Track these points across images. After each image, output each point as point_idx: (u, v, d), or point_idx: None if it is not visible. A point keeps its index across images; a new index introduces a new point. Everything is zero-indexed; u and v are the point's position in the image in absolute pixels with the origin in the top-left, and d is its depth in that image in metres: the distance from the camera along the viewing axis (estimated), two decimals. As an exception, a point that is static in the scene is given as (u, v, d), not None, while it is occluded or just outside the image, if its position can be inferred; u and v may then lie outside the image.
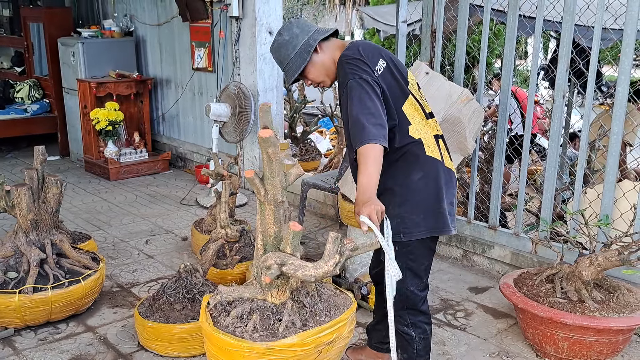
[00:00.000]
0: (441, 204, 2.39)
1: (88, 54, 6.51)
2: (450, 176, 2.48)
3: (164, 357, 2.96)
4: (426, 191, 2.38)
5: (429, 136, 2.44)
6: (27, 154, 7.32)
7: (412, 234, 2.37)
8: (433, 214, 2.39)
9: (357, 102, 2.24)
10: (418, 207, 2.38)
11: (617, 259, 2.87)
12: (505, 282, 3.20)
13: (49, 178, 3.25)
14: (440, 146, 2.49)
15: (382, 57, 2.37)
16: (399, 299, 2.48)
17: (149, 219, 5.09)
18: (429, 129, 2.46)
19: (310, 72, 2.48)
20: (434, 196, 2.39)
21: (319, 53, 2.45)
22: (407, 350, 2.56)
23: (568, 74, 3.59)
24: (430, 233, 2.40)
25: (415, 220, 2.37)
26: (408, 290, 2.48)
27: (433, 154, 2.42)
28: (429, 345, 2.60)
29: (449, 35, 4.41)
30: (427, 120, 2.46)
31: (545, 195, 3.72)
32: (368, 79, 2.26)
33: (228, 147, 6.10)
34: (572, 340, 2.87)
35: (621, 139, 3.42)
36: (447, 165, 2.48)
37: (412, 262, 2.45)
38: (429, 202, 2.38)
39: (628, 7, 3.26)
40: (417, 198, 2.38)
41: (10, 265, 3.19)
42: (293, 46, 2.42)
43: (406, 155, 2.39)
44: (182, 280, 3.06)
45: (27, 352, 2.99)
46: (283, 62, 2.47)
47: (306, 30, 2.45)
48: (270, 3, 5.55)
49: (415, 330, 2.54)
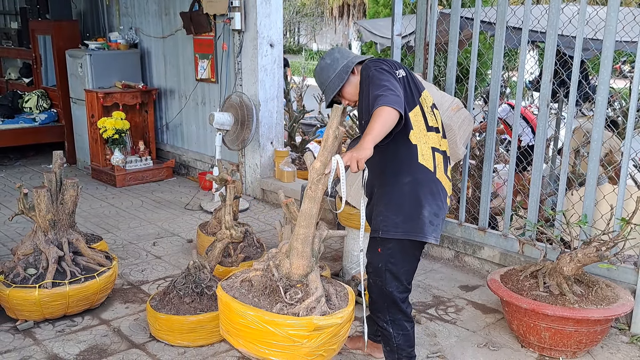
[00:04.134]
0: (421, 210, 2.55)
1: (95, 66, 6.76)
2: (439, 188, 2.62)
3: (175, 346, 3.17)
4: (410, 196, 2.56)
5: (426, 146, 2.63)
6: (34, 162, 7.55)
7: (388, 232, 2.56)
8: (411, 219, 2.55)
9: (376, 83, 2.45)
10: (400, 209, 2.56)
11: (595, 255, 3.09)
12: (492, 278, 3.43)
13: (67, 181, 3.48)
14: (437, 158, 2.65)
15: (402, 68, 2.65)
16: (380, 297, 2.69)
17: (155, 223, 5.31)
18: (428, 139, 2.64)
19: (347, 92, 2.71)
20: (415, 202, 2.55)
21: (356, 74, 2.68)
22: (388, 344, 2.76)
23: (552, 84, 3.83)
24: (406, 235, 2.55)
25: (395, 220, 2.55)
26: (387, 290, 2.65)
27: (425, 163, 2.60)
28: (410, 340, 2.75)
29: (442, 47, 4.66)
30: (427, 132, 2.64)
31: (531, 198, 3.95)
32: (389, 70, 2.52)
33: (230, 154, 6.33)
34: (553, 330, 3.09)
35: (600, 145, 3.65)
36: (439, 177, 2.63)
37: (392, 265, 2.61)
38: (410, 207, 2.55)
39: (607, 22, 3.51)
40: (400, 200, 2.57)
41: (30, 263, 3.41)
42: (334, 69, 2.68)
43: (400, 158, 2.60)
44: (191, 275, 3.27)
45: (47, 342, 3.21)
46: (324, 82, 2.71)
47: (346, 55, 2.72)
48: (272, 17, 5.81)
49: (394, 327, 2.70)
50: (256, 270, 2.51)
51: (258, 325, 2.31)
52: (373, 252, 2.67)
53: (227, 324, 2.45)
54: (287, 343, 2.30)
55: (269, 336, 2.31)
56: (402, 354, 2.73)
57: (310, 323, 2.28)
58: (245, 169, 6.23)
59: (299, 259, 2.41)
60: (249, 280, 2.50)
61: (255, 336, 2.34)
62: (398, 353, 2.72)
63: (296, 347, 2.31)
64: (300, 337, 2.30)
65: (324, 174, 2.29)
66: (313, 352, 2.35)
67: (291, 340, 2.29)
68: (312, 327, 2.28)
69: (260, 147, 6.03)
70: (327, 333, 2.34)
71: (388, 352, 2.77)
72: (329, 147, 2.26)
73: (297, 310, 2.32)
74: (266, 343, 2.32)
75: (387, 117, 2.36)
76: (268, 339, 2.32)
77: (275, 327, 2.28)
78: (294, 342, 2.30)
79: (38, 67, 7.95)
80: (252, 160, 6.15)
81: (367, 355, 3.14)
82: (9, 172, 7.05)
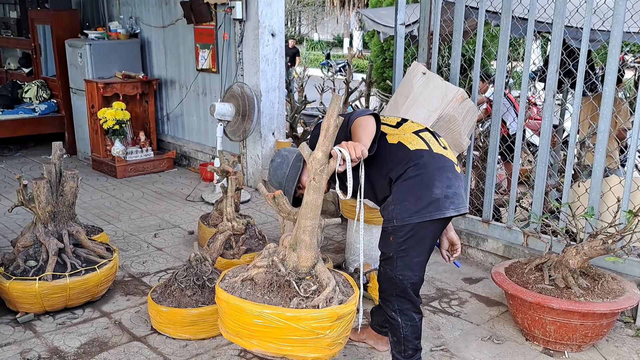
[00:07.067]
0: (433, 189, 2.50)
1: (95, 55, 6.70)
2: (443, 161, 2.59)
3: (176, 339, 3.15)
4: (417, 181, 2.52)
5: (406, 135, 2.63)
6: (34, 152, 7.51)
7: (403, 218, 2.51)
8: (424, 200, 2.50)
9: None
10: (410, 195, 2.51)
11: (601, 248, 3.06)
12: (496, 270, 3.39)
13: (66, 172, 3.44)
14: (425, 137, 2.64)
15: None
16: (390, 285, 2.65)
17: (156, 214, 5.28)
18: (404, 132, 2.66)
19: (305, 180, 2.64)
20: (424, 184, 2.51)
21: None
22: (395, 334, 2.72)
23: (558, 74, 3.78)
24: (421, 218, 2.50)
25: (407, 205, 2.50)
26: (397, 277, 2.59)
27: (418, 146, 2.58)
28: (417, 332, 2.71)
29: (446, 37, 4.60)
30: (398, 128, 2.69)
31: (536, 189, 3.91)
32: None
33: (231, 145, 6.29)
34: (558, 324, 3.06)
35: (607, 136, 3.61)
36: (437, 151, 2.61)
37: (404, 253, 2.56)
38: (421, 190, 2.51)
39: (615, 10, 3.45)
40: (409, 187, 2.52)
41: (30, 255, 3.38)
42: (286, 164, 2.72)
43: (395, 160, 2.57)
44: (192, 268, 3.24)
45: (47, 335, 3.18)
46: (281, 179, 2.74)
47: (292, 150, 2.78)
48: (273, 6, 5.74)
49: (402, 317, 2.66)
50: (258, 267, 2.47)
51: (278, 322, 2.27)
52: (385, 242, 2.62)
53: (236, 326, 2.37)
54: (310, 336, 2.28)
55: (290, 332, 2.28)
56: (408, 345, 2.70)
57: (333, 313, 2.29)
58: (247, 160, 6.19)
59: (307, 251, 2.38)
60: (250, 278, 2.46)
61: (274, 334, 2.30)
62: (404, 344, 2.69)
63: (319, 339, 2.30)
64: (323, 328, 2.29)
65: (327, 164, 2.26)
66: (334, 341, 2.36)
67: (314, 333, 2.28)
68: (334, 316, 2.29)
69: (261, 138, 5.99)
70: (346, 321, 2.36)
71: (394, 342, 2.74)
72: (330, 136, 2.22)
73: (317, 302, 2.31)
74: (286, 340, 2.29)
75: (366, 123, 2.45)
76: (289, 335, 2.29)
77: (298, 323, 2.26)
78: (317, 334, 2.28)
79: (37, 57, 7.89)
80: (254, 151, 6.11)
81: (371, 348, 3.12)
82: (9, 163, 7.01)
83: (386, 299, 2.68)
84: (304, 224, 2.36)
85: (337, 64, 19.35)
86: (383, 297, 2.71)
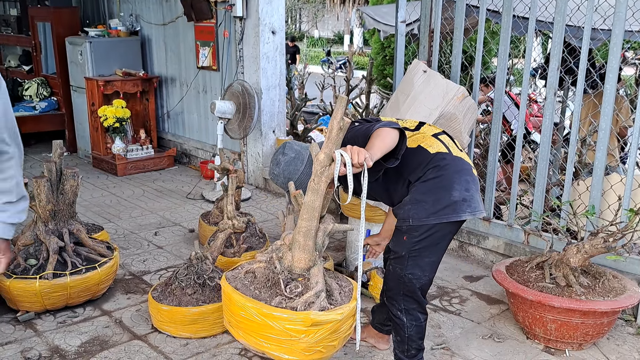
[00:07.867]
0: (451, 192, 2.49)
1: (95, 53, 6.69)
2: (462, 164, 2.58)
3: (177, 338, 3.15)
4: (435, 180, 2.51)
5: (427, 139, 2.61)
6: (35, 150, 7.50)
7: (420, 218, 2.50)
8: (442, 202, 2.49)
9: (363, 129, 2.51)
10: (429, 196, 2.50)
11: (602, 246, 3.05)
12: (497, 269, 3.39)
13: (67, 170, 3.43)
14: (444, 140, 2.64)
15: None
16: (397, 284, 2.64)
17: (157, 212, 5.27)
18: (424, 135, 2.63)
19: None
20: (443, 186, 2.50)
21: None
22: (399, 333, 2.71)
23: (559, 72, 3.77)
24: (438, 219, 2.49)
25: (425, 206, 2.49)
26: (406, 276, 2.59)
27: (438, 149, 2.57)
28: (422, 332, 2.71)
29: (447, 35, 4.59)
30: (416, 132, 2.65)
31: (537, 187, 3.90)
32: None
33: (232, 143, 6.28)
34: (559, 322, 3.06)
35: (609, 134, 3.60)
36: (457, 154, 2.60)
37: (417, 253, 2.55)
38: (439, 191, 2.50)
39: (616, 8, 3.44)
40: (427, 186, 2.52)
41: (30, 253, 3.37)
42: (301, 160, 2.58)
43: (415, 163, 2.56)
44: (193, 266, 3.24)
45: (48, 334, 3.18)
46: (293, 177, 2.58)
47: (305, 146, 2.65)
48: (273, 3, 5.73)
49: (407, 316, 2.65)
50: (260, 262, 2.47)
51: (256, 317, 2.26)
52: (398, 240, 2.60)
53: (229, 315, 2.41)
54: (285, 337, 2.25)
55: (267, 329, 2.27)
56: (412, 345, 2.69)
57: (308, 318, 2.23)
58: (247, 157, 6.19)
59: (300, 252, 2.37)
60: (252, 271, 2.46)
61: (255, 329, 2.30)
62: (408, 344, 2.69)
63: (294, 342, 2.26)
64: (297, 332, 2.24)
65: (328, 166, 2.24)
66: (311, 347, 2.30)
67: (288, 334, 2.25)
68: (309, 322, 2.23)
69: (262, 136, 5.98)
70: (325, 329, 2.28)
71: (398, 342, 2.73)
72: (333, 138, 2.21)
73: (296, 304, 2.27)
74: (264, 336, 2.28)
75: (386, 135, 2.34)
76: (266, 332, 2.28)
77: (273, 321, 2.24)
78: (291, 336, 2.25)
79: (38, 54, 7.87)
80: (254, 149, 6.10)
81: (371, 347, 3.12)
82: (9, 161, 6.99)
83: (392, 297, 2.67)
84: (299, 224, 2.35)
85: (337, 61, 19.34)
86: (389, 295, 2.70)
